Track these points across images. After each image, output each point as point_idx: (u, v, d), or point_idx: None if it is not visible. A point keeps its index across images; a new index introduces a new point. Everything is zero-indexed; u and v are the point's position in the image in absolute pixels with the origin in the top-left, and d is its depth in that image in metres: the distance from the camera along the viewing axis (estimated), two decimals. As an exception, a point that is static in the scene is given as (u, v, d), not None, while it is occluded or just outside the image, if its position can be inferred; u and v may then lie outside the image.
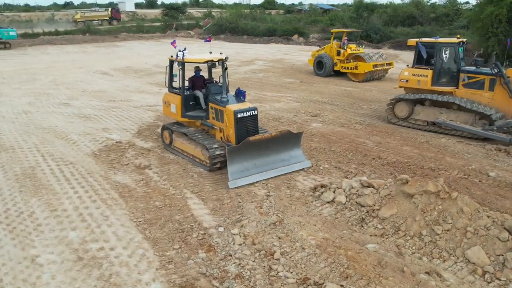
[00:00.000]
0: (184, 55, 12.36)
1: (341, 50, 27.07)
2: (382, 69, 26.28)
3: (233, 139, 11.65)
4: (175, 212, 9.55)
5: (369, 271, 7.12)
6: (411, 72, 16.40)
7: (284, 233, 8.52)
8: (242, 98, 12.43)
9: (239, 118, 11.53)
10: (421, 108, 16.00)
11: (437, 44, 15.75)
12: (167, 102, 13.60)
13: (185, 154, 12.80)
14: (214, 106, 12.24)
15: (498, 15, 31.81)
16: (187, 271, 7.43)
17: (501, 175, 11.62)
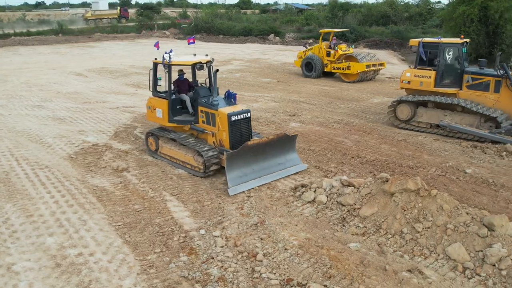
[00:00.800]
0: (170, 57, 11.99)
1: (331, 51, 26.57)
2: (374, 69, 25.89)
3: (227, 143, 11.30)
4: (155, 215, 9.41)
5: (352, 270, 7.12)
6: (413, 73, 15.89)
7: (266, 234, 8.47)
8: (233, 100, 12.08)
9: (233, 121, 11.18)
10: (424, 110, 15.57)
11: (440, 44, 15.27)
12: (152, 107, 12.98)
13: (173, 160, 12.29)
14: (204, 110, 11.78)
15: (470, 15, 32.44)
16: (169, 275, 7.32)
17: (477, 171, 11.81)
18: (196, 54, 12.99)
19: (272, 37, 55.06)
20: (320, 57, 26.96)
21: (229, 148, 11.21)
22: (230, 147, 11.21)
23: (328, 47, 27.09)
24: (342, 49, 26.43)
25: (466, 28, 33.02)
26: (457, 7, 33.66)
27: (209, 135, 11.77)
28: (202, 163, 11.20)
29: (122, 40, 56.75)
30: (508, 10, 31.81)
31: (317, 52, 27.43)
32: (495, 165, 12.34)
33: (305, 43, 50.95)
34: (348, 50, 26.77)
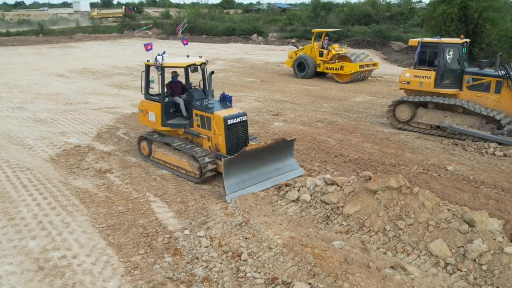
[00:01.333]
0: (163, 59, 11.61)
1: (324, 51, 26.17)
2: (367, 69, 25.65)
3: (223, 147, 10.97)
4: (138, 217, 9.37)
5: (336, 268, 7.18)
6: (413, 73, 15.72)
7: (250, 233, 8.49)
8: (229, 103, 11.69)
9: (229, 125, 10.84)
10: (424, 111, 15.39)
11: (440, 44, 15.10)
12: (145, 110, 12.56)
13: (167, 165, 11.90)
14: (199, 113, 11.41)
15: (450, 14, 32.90)
16: (154, 276, 7.30)
17: (458, 169, 11.99)
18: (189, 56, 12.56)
19: (255, 37, 55.16)
20: (313, 57, 26.64)
21: (226, 153, 10.90)
22: (227, 152, 10.91)
23: (320, 47, 26.76)
24: (335, 49, 26.08)
25: (446, 27, 33.50)
26: (438, 7, 34.11)
27: (205, 139, 11.38)
28: (198, 168, 10.86)
29: (104, 40, 56.30)
30: (487, 10, 32.32)
31: (309, 52, 27.07)
32: (476, 162, 12.54)
33: (289, 43, 51.24)
34: (341, 50, 26.46)
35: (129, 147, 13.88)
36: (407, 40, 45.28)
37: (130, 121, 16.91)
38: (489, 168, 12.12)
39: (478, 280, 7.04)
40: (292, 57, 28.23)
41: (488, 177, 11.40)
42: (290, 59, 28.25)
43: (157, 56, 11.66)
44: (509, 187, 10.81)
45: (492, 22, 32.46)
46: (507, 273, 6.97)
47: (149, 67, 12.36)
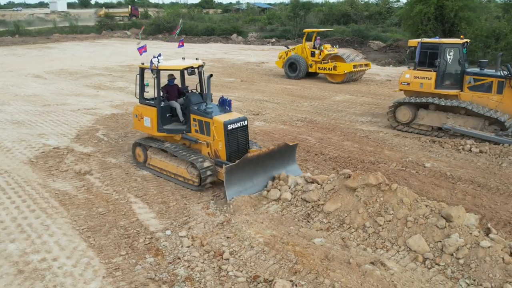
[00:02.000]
0: (159, 61, 11.12)
1: (316, 51, 25.77)
2: (360, 69, 25.23)
3: (223, 154, 10.52)
4: (119, 218, 9.33)
5: (317, 265, 7.27)
6: (413, 74, 15.54)
7: (232, 232, 8.53)
8: (228, 107, 11.34)
9: (230, 130, 10.40)
10: (425, 112, 15.19)
11: (441, 44, 14.94)
12: (139, 115, 12.02)
13: (164, 173, 11.39)
14: (197, 118, 10.94)
15: (427, 13, 33.41)
16: (135, 277, 7.29)
17: (436, 165, 12.21)
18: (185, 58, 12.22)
19: (235, 37, 55.14)
20: (304, 58, 26.17)
21: (226, 159, 10.49)
22: (227, 158, 10.49)
23: (312, 47, 26.35)
24: (327, 49, 25.76)
25: (423, 26, 34.01)
26: (414, 6, 34.60)
27: (203, 145, 10.91)
28: (197, 175, 10.41)
29: (82, 40, 55.65)
30: (463, 9, 32.92)
31: (301, 52, 26.58)
32: (453, 159, 12.79)
33: (268, 43, 51.35)
34: (333, 50, 26.08)
35: (108, 148, 13.77)
36: (385, 39, 46.25)
37: (110, 122, 16.78)
38: (466, 164, 12.36)
39: (456, 273, 7.20)
40: (282, 57, 27.68)
41: (465, 173, 11.64)
42: (281, 60, 27.73)
43: (152, 58, 11.19)
44: (485, 183, 11.05)
45: (468, 21, 33.06)
46: (483, 266, 7.14)
47: (144, 70, 11.88)
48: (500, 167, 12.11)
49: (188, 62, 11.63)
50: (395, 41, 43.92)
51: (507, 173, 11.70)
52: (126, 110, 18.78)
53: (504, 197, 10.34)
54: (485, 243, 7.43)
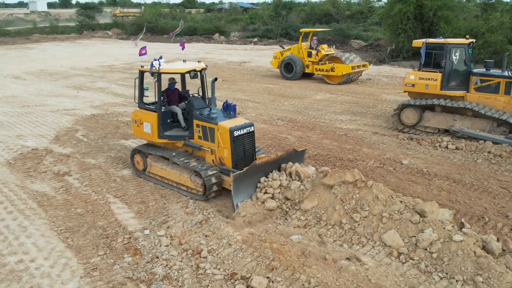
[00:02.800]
0: (160, 64, 10.62)
1: (313, 51, 25.27)
2: (358, 70, 24.69)
3: (229, 161, 10.05)
4: (98, 218, 9.32)
5: (293, 261, 7.37)
6: (418, 75, 15.24)
7: (210, 231, 8.58)
8: (233, 112, 10.90)
9: (236, 136, 9.95)
10: (431, 114, 14.86)
11: (446, 45, 14.65)
12: (139, 121, 11.48)
13: (165, 181, 10.88)
14: (201, 124, 10.47)
15: (406, 13, 33.83)
16: (113, 277, 7.30)
17: (413, 162, 12.42)
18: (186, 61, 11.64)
19: (217, 37, 55.12)
20: (300, 58, 25.62)
21: (231, 167, 10.03)
22: (233, 166, 10.04)
23: (308, 47, 25.83)
24: (324, 50, 25.26)
25: (403, 25, 34.41)
26: (394, 5, 35.00)
27: (207, 152, 10.43)
28: (201, 184, 9.94)
29: (62, 41, 55.08)
30: (441, 8, 33.38)
31: (297, 52, 25.98)
32: (429, 156, 13.01)
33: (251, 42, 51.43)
34: (330, 50, 25.70)
35: (88, 149, 13.71)
36: (366, 38, 46.64)
37: (90, 123, 16.69)
38: (442, 161, 12.59)
39: (429, 267, 7.36)
40: (277, 57, 27.06)
41: (441, 170, 11.86)
42: (276, 60, 27.11)
43: (153, 61, 10.65)
44: (460, 179, 11.28)
45: (446, 20, 33.54)
46: (456, 259, 7.30)
47: (143, 73, 11.34)
48: (475, 163, 12.36)
49: (191, 65, 11.12)
50: (376, 40, 44.37)
51: (482, 169, 11.96)
52: (106, 110, 18.69)
53: (478, 192, 10.56)
54: (458, 237, 7.60)
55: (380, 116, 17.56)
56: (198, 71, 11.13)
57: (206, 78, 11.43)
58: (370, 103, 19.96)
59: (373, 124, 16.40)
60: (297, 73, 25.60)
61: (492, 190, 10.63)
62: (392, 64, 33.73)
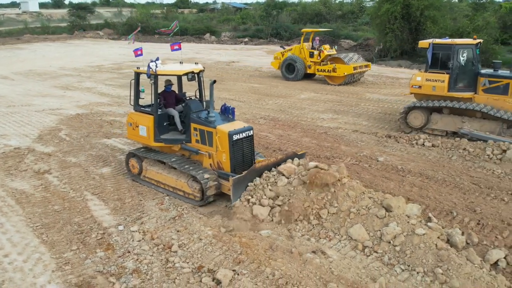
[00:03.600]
0: (157, 66, 10.48)
1: (315, 52, 24.94)
2: (360, 71, 24.36)
3: (227, 166, 9.89)
4: (74, 215, 9.50)
5: (260, 255, 7.57)
6: (425, 77, 14.90)
7: (183, 226, 8.78)
8: (231, 116, 10.79)
9: (235, 140, 9.80)
10: (438, 116, 14.64)
11: (454, 45, 14.36)
12: (134, 123, 11.19)
13: (161, 186, 10.66)
14: (199, 127, 10.28)
15: (394, 12, 34.10)
16: (84, 271, 7.49)
17: (388, 159, 12.66)
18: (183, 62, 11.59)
19: (208, 37, 55.31)
20: (302, 58, 25.31)
21: (230, 171, 9.86)
22: (231, 170, 9.86)
23: (310, 48, 25.51)
24: (327, 50, 24.97)
25: (390, 25, 34.68)
26: (382, 5, 35.30)
27: (205, 156, 10.25)
28: (199, 189, 9.75)
29: (53, 41, 55.10)
30: (428, 8, 33.68)
31: (298, 53, 25.61)
32: (406, 153, 13.25)
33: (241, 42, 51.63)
34: (332, 51, 25.36)
35: (70, 147, 13.87)
36: (356, 38, 46.92)
37: (74, 122, 16.85)
38: (417, 158, 12.84)
39: (392, 260, 7.58)
40: (278, 58, 26.64)
41: (415, 166, 12.10)
42: (277, 61, 26.70)
43: (150, 63, 10.46)
44: (433, 175, 11.52)
45: (433, 20, 33.84)
46: (417, 252, 7.54)
47: (139, 75, 11.09)
48: (450, 160, 12.62)
49: (188, 67, 11.00)
50: (365, 40, 44.66)
51: (456, 165, 12.21)
52: (91, 110, 18.84)
53: (449, 188, 10.81)
54: (420, 230, 7.83)
55: (362, 115, 17.80)
56: (196, 73, 11.00)
57: (204, 80, 11.30)
58: (353, 102, 20.21)
59: (354, 123, 16.64)
60: (299, 74, 25.28)
61: (464, 186, 10.88)
62: (379, 63, 34.00)
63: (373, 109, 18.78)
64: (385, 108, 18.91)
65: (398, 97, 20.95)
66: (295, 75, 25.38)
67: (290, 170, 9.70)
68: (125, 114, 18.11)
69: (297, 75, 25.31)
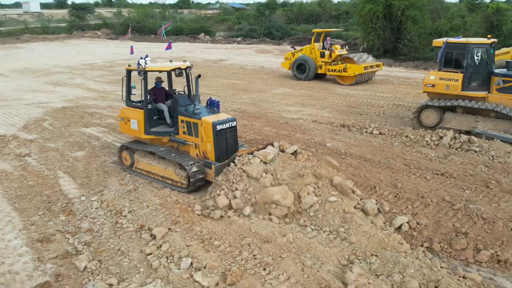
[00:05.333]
0: (146, 63, 11.13)
1: (326, 52, 25.17)
2: (371, 71, 24.57)
3: (212, 155, 10.58)
4: (45, 188, 10.92)
5: (194, 218, 9.00)
6: (438, 75, 15.01)
7: (136, 197, 10.21)
8: (216, 109, 11.45)
9: (218, 130, 10.48)
10: (452, 115, 14.81)
11: (468, 45, 14.47)
12: (126, 118, 11.91)
13: (152, 176, 11.32)
14: (185, 119, 10.97)
15: (376, 12, 35.34)
16: (46, 230, 8.90)
17: (335, 145, 14.00)
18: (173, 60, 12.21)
19: (203, 36, 56.73)
20: (313, 58, 25.51)
21: (214, 160, 10.55)
22: (216, 159, 10.56)
23: (321, 48, 25.74)
24: (338, 50, 25.18)
25: (373, 24, 35.94)
26: (365, 5, 36.60)
27: (192, 146, 10.96)
28: (185, 177, 10.44)
29: (52, 41, 56.68)
30: (409, 8, 34.92)
31: (309, 53, 25.84)
32: (354, 140, 14.61)
33: (235, 41, 53.03)
34: (343, 51, 25.68)
35: (51, 135, 15.29)
36: (346, 38, 48.18)
37: (58, 114, 18.29)
38: (362, 143, 14.18)
39: (306, 222, 8.93)
40: (288, 58, 26.91)
41: (357, 151, 13.44)
42: (287, 61, 26.99)
43: (139, 59, 11.11)
44: (370, 158, 12.87)
45: (414, 19, 35.06)
46: (327, 216, 8.89)
47: (131, 72, 11.82)
48: (391, 146, 13.96)
49: (175, 64, 11.68)
50: (354, 39, 45.95)
51: (395, 150, 13.54)
52: (76, 103, 20.29)
53: (381, 168, 12.15)
54: (332, 198, 9.21)
55: (326, 108, 19.17)
56: (183, 69, 11.63)
57: (192, 76, 11.88)
58: (323, 96, 21.59)
59: (316, 114, 18.00)
60: (310, 74, 25.51)
61: (395, 167, 12.22)
62: (361, 62, 35.22)
63: (339, 103, 20.15)
64: (350, 102, 20.27)
65: (367, 92, 22.33)
66: (306, 75, 25.66)
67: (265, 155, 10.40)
68: (107, 106, 19.62)
69: (308, 75, 25.58)
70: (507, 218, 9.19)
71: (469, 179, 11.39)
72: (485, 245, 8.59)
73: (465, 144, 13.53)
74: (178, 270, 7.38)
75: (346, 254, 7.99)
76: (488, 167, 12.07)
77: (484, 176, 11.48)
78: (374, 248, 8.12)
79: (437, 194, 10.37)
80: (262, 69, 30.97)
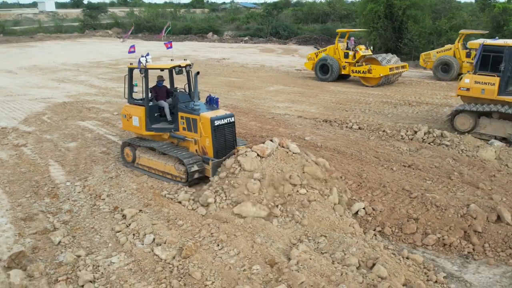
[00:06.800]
0: (147, 61, 11.42)
1: (350, 52, 24.91)
2: (397, 72, 23.97)
3: (210, 150, 10.83)
4: (35, 175, 11.84)
5: (165, 201, 9.84)
6: (474, 79, 14.45)
7: (116, 183, 11.08)
8: (215, 105, 11.65)
9: (217, 126, 10.70)
10: (487, 121, 14.29)
11: (506, 47, 13.84)
12: (128, 115, 12.27)
13: (153, 171, 11.63)
14: (185, 115, 11.23)
15: (377, 12, 35.94)
16: (31, 210, 9.81)
17: (314, 138, 14.71)
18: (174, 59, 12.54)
19: (211, 35, 57.68)
20: (336, 59, 25.30)
21: (213, 156, 10.81)
22: (214, 155, 10.81)
23: (345, 48, 25.60)
24: (362, 50, 24.75)
25: (374, 24, 36.52)
26: (367, 5, 37.19)
27: (191, 142, 11.24)
28: (184, 171, 10.76)
29: (64, 40, 58.13)
30: (410, 8, 35.40)
31: (333, 53, 25.62)
32: (332, 134, 15.29)
33: (242, 41, 53.88)
34: (367, 51, 25.19)
35: (48, 128, 16.26)
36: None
37: (58, 108, 19.29)
38: (340, 137, 14.86)
39: (267, 206, 9.69)
40: (311, 59, 26.66)
41: (333, 144, 14.12)
42: (310, 61, 26.72)
43: (140, 58, 11.43)
44: (344, 150, 13.54)
45: (415, 19, 35.52)
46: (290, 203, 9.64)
47: (133, 70, 12.03)
48: (367, 140, 14.62)
49: (175, 62, 11.96)
50: (358, 38, 46.44)
51: (370, 144, 14.19)
52: (77, 99, 21.29)
53: (352, 160, 12.82)
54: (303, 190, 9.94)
55: (315, 104, 19.87)
56: (182, 67, 11.87)
57: (192, 73, 12.08)
58: (313, 93, 22.28)
59: (303, 110, 18.72)
60: (333, 74, 25.26)
61: (365, 159, 12.89)
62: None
63: (328, 99, 20.83)
64: (339, 99, 20.94)
65: (358, 89, 22.97)
66: (329, 75, 25.42)
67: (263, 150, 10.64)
68: (105, 102, 20.58)
69: (332, 75, 25.34)
70: (459, 205, 9.77)
71: (434, 170, 12.00)
72: (434, 230, 9.23)
73: (437, 139, 14.14)
74: (141, 245, 8.22)
75: (298, 235, 8.73)
76: (455, 160, 12.64)
77: (448, 168, 12.08)
78: (324, 230, 8.84)
79: (399, 183, 10.99)
80: (261, 68, 31.73)
